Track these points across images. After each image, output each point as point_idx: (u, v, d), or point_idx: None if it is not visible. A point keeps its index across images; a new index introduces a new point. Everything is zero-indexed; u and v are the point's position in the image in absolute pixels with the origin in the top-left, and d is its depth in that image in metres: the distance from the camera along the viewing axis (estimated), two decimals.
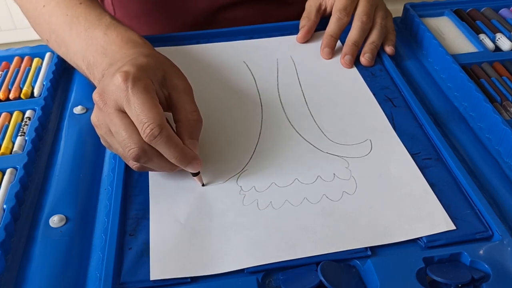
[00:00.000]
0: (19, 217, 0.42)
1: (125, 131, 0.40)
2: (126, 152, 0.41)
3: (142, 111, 0.39)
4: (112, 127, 0.41)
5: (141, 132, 0.40)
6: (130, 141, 0.40)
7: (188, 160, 0.42)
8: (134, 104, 0.40)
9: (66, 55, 0.55)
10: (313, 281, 0.36)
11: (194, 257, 0.38)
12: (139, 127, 0.40)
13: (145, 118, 0.39)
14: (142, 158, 0.41)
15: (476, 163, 0.46)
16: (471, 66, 0.56)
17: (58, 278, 0.38)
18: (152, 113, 0.39)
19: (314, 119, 0.51)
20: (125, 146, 0.40)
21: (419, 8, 0.65)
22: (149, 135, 0.39)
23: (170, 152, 0.41)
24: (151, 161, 0.41)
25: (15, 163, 0.46)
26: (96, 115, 0.43)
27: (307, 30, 0.63)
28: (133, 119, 0.40)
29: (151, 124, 0.39)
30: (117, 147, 0.42)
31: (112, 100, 0.41)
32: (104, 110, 0.41)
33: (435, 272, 0.36)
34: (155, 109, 0.40)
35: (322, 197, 0.43)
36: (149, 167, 0.42)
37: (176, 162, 0.41)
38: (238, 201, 0.43)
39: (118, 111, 0.41)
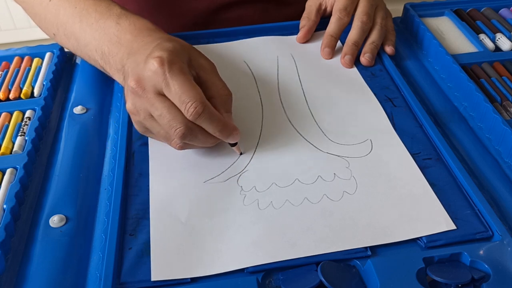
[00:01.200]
0: (19, 217, 0.42)
1: (169, 113, 0.42)
2: (172, 132, 0.43)
3: (184, 91, 0.42)
4: (154, 111, 0.43)
5: (185, 111, 0.42)
6: (175, 121, 0.42)
7: (230, 131, 0.45)
8: (174, 86, 0.42)
9: (76, 48, 0.55)
10: (313, 281, 0.36)
11: (195, 257, 0.38)
12: (182, 107, 0.42)
13: (187, 98, 0.42)
14: (188, 136, 0.43)
15: (476, 163, 0.46)
16: (471, 66, 0.56)
17: (58, 278, 0.38)
18: (193, 93, 0.42)
19: (315, 119, 0.51)
20: (171, 127, 0.43)
21: (419, 8, 0.65)
22: (193, 113, 0.42)
23: (214, 126, 0.43)
24: (195, 137, 0.44)
25: (15, 163, 0.46)
26: (132, 103, 0.45)
27: (307, 30, 0.63)
28: (174, 100, 0.42)
29: (194, 102, 0.42)
30: (159, 130, 0.44)
31: (151, 85, 0.43)
32: (144, 96, 0.43)
33: (435, 272, 0.36)
34: (195, 88, 0.42)
35: (322, 197, 0.43)
36: (193, 144, 0.45)
37: (219, 135, 0.44)
38: (238, 201, 0.43)
39: (158, 95, 0.43)
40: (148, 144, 0.49)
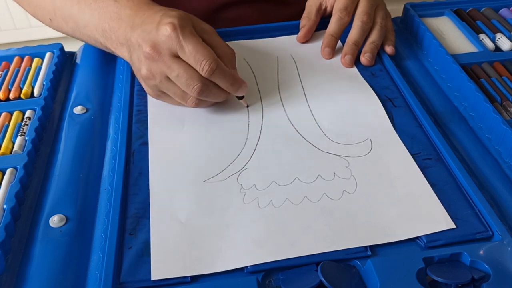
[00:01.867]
0: (19, 217, 0.42)
1: (186, 73, 0.47)
2: (190, 90, 0.47)
3: (197, 51, 0.46)
4: (171, 73, 0.47)
5: (200, 69, 0.46)
6: (192, 79, 0.47)
7: (239, 84, 0.50)
8: (188, 47, 0.46)
9: (74, 30, 0.57)
10: (313, 281, 0.36)
11: (195, 256, 0.38)
12: (197, 66, 0.46)
13: (201, 56, 0.46)
14: (205, 92, 0.48)
15: (476, 163, 0.46)
16: (471, 66, 0.56)
17: (58, 278, 0.38)
18: (206, 52, 0.46)
19: (315, 119, 0.51)
20: (188, 85, 0.47)
21: (419, 8, 0.65)
22: (208, 70, 0.46)
23: (226, 81, 0.48)
24: (210, 93, 0.49)
25: (15, 163, 0.46)
26: (148, 68, 0.48)
27: (308, 30, 0.63)
28: (189, 61, 0.46)
29: (208, 60, 0.46)
30: (175, 90, 0.49)
31: (166, 49, 0.46)
32: (160, 60, 0.47)
33: (435, 272, 0.36)
34: (207, 48, 0.47)
35: (322, 196, 0.43)
36: (207, 99, 0.50)
37: (230, 89, 0.49)
38: (238, 199, 0.43)
39: (174, 57, 0.47)
40: (148, 144, 0.49)
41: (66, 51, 0.63)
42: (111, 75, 0.60)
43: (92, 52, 0.62)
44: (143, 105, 0.53)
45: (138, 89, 0.56)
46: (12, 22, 1.70)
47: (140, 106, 0.53)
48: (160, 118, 0.52)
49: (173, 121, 0.51)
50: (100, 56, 0.62)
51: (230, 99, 0.53)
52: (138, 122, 0.51)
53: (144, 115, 0.52)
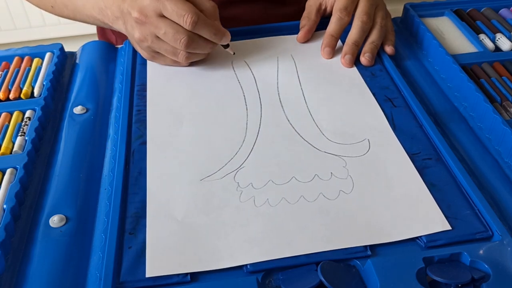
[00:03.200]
0: (19, 217, 0.43)
1: (172, 28, 0.51)
2: (178, 45, 0.52)
3: (178, 7, 0.50)
4: (159, 32, 0.52)
5: (184, 23, 0.51)
6: (178, 34, 0.51)
7: (222, 34, 0.54)
8: (170, 5, 0.50)
9: (75, 13, 0.62)
10: (313, 281, 0.36)
11: (191, 253, 0.38)
12: (180, 20, 0.50)
13: (183, 11, 0.50)
14: (191, 44, 0.52)
15: (476, 163, 0.46)
16: (471, 66, 0.56)
17: (58, 278, 0.38)
18: (186, 7, 0.50)
19: (313, 118, 0.51)
20: (176, 39, 0.52)
21: (419, 8, 0.65)
22: (191, 22, 0.50)
23: (209, 30, 0.52)
24: (197, 44, 0.53)
25: (15, 163, 0.46)
26: (139, 32, 0.53)
27: (308, 30, 0.63)
28: (172, 17, 0.51)
29: (189, 14, 0.50)
30: (166, 47, 0.54)
31: (151, 11, 0.51)
32: (148, 22, 0.52)
33: (435, 272, 0.36)
34: (187, 3, 0.51)
35: (319, 195, 0.43)
36: (196, 51, 0.54)
37: (214, 38, 0.53)
38: (235, 197, 0.43)
39: (159, 17, 0.51)
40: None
41: (66, 51, 0.63)
42: (111, 75, 0.60)
43: (92, 52, 0.62)
44: (143, 105, 0.53)
45: (138, 89, 0.56)
46: (12, 22, 1.70)
47: (140, 106, 0.53)
48: (158, 117, 0.52)
49: (172, 120, 0.51)
50: (100, 56, 0.62)
51: (228, 99, 0.53)
52: (138, 122, 0.51)
53: (143, 115, 0.52)
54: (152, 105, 0.53)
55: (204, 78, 0.57)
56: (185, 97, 0.55)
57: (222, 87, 0.56)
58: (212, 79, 0.57)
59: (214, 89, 0.56)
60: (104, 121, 0.53)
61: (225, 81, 0.57)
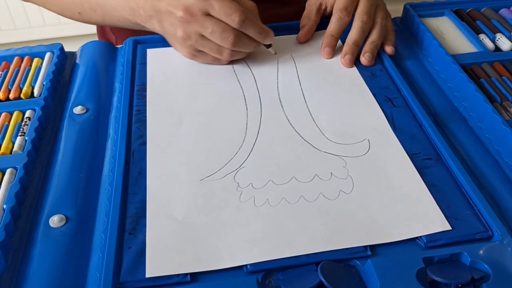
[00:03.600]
0: (19, 217, 0.43)
1: (219, 27, 0.52)
2: (224, 43, 0.53)
3: (226, 6, 0.51)
4: (205, 30, 0.52)
5: (231, 22, 0.52)
6: (225, 32, 0.52)
7: (267, 33, 0.55)
8: (217, 4, 0.51)
9: (104, 16, 0.61)
10: (313, 281, 0.36)
11: (191, 253, 0.38)
12: (228, 19, 0.52)
13: (230, 10, 0.51)
14: (238, 42, 0.54)
15: (476, 163, 0.46)
16: (471, 66, 0.56)
17: (58, 278, 0.38)
18: (233, 5, 0.52)
19: (313, 118, 0.51)
20: (223, 38, 0.53)
21: (419, 8, 0.65)
22: (238, 21, 0.52)
23: (255, 29, 0.54)
24: (242, 43, 0.54)
25: (15, 163, 0.46)
26: (183, 30, 0.53)
27: (308, 30, 0.63)
28: (220, 16, 0.52)
29: (237, 13, 0.51)
30: (210, 46, 0.54)
31: (198, 9, 0.52)
32: (193, 21, 0.52)
33: (435, 272, 0.36)
34: (233, 2, 0.52)
35: (319, 195, 0.43)
36: (240, 49, 0.55)
37: (259, 37, 0.55)
38: (235, 197, 0.43)
39: (206, 16, 0.52)
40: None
41: (66, 51, 0.63)
42: (111, 75, 0.60)
43: (92, 52, 0.62)
44: (143, 105, 0.53)
45: (138, 89, 0.56)
46: (12, 22, 1.70)
47: (140, 106, 0.53)
48: (158, 117, 0.52)
49: (172, 120, 0.51)
50: (100, 56, 0.62)
51: (228, 99, 0.53)
52: (137, 122, 0.51)
53: (143, 115, 0.52)
54: (152, 105, 0.53)
55: (204, 78, 0.57)
56: (185, 97, 0.55)
57: (222, 87, 0.56)
58: (212, 79, 0.57)
59: (214, 89, 0.56)
60: (104, 121, 0.53)
61: (225, 81, 0.57)
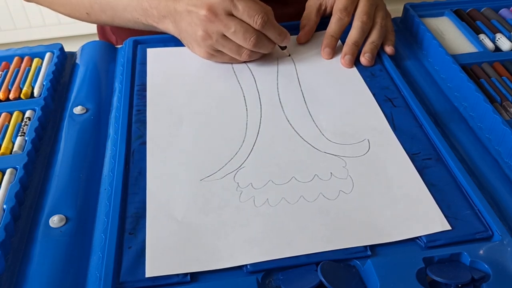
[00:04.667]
0: (19, 217, 0.43)
1: (242, 27, 0.53)
2: (246, 43, 0.54)
3: (250, 7, 0.52)
4: (228, 30, 0.53)
5: (254, 23, 0.52)
6: (248, 33, 0.53)
7: (285, 35, 0.56)
8: (241, 5, 0.52)
9: (114, 17, 0.61)
10: (313, 281, 0.36)
11: (190, 253, 0.39)
12: (251, 20, 0.52)
13: (254, 11, 0.52)
14: (259, 43, 0.54)
15: (476, 163, 0.46)
16: (471, 66, 0.56)
17: (58, 278, 0.38)
18: (257, 7, 0.52)
19: (313, 119, 0.51)
20: (245, 38, 0.53)
21: (419, 8, 0.65)
22: (261, 22, 0.53)
23: (275, 31, 0.55)
24: (262, 44, 0.55)
25: (15, 163, 0.46)
26: (204, 29, 0.53)
27: (308, 30, 0.63)
28: (243, 17, 0.52)
29: (260, 14, 0.52)
30: (231, 46, 0.55)
31: (221, 9, 0.52)
32: (216, 20, 0.52)
33: (435, 272, 0.36)
34: (257, 3, 0.53)
35: (318, 195, 0.43)
36: (260, 51, 0.56)
37: (277, 39, 0.56)
38: (235, 197, 0.43)
39: (229, 16, 0.52)
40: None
41: (66, 51, 0.63)
42: (111, 75, 0.60)
43: (92, 52, 0.62)
44: (143, 105, 0.53)
45: (138, 89, 0.56)
46: (12, 22, 1.70)
47: (140, 106, 0.53)
48: (158, 117, 0.52)
49: (172, 120, 0.51)
50: (100, 56, 0.62)
51: (227, 99, 0.54)
52: (137, 122, 0.51)
53: (143, 115, 0.52)
54: (152, 105, 0.53)
55: (204, 78, 0.57)
56: (185, 97, 0.55)
57: (222, 88, 0.56)
58: (212, 79, 0.57)
59: (214, 90, 0.56)
60: (104, 121, 0.53)
61: (225, 82, 0.57)
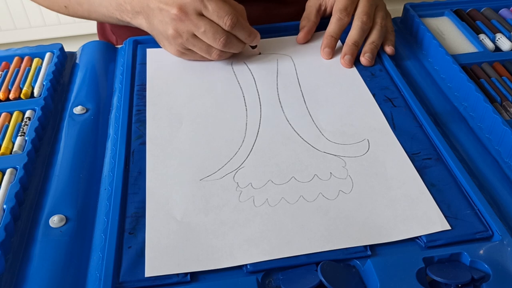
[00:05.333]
0: (19, 217, 0.43)
1: (211, 27, 0.53)
2: (215, 43, 0.54)
3: (219, 8, 0.52)
4: (198, 30, 0.53)
5: (223, 24, 0.53)
6: (217, 34, 0.53)
7: (255, 35, 0.57)
8: (211, 5, 0.52)
9: (90, 11, 0.61)
10: (313, 281, 0.36)
11: (189, 253, 0.39)
12: (220, 21, 0.53)
13: (224, 12, 0.52)
14: (228, 43, 0.55)
15: (476, 163, 0.46)
16: (471, 66, 0.56)
17: (58, 278, 0.38)
18: (227, 8, 0.53)
19: (313, 119, 0.51)
20: (215, 39, 0.54)
21: (419, 8, 0.65)
22: (230, 24, 0.53)
23: (245, 32, 0.55)
24: (232, 44, 0.55)
25: (15, 163, 0.46)
26: (175, 28, 0.54)
27: (307, 31, 0.63)
28: (213, 18, 0.53)
29: (230, 15, 0.52)
30: (201, 46, 0.55)
31: (192, 9, 0.52)
32: (187, 20, 0.53)
33: (435, 272, 0.36)
34: (227, 5, 0.53)
35: (318, 195, 0.43)
36: (230, 51, 0.56)
37: (247, 40, 0.56)
38: (234, 197, 0.43)
39: (200, 16, 0.53)
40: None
41: (66, 51, 0.63)
42: (111, 75, 0.60)
43: (92, 52, 0.62)
44: (143, 105, 0.53)
45: (138, 89, 0.56)
46: (12, 22, 1.70)
47: (140, 106, 0.53)
48: (158, 117, 0.52)
49: (171, 120, 0.51)
50: (100, 56, 0.62)
51: (227, 99, 0.54)
52: (137, 122, 0.51)
53: (143, 115, 0.52)
54: (152, 105, 0.53)
55: (203, 78, 0.57)
56: (185, 97, 0.55)
57: (221, 88, 0.56)
58: (211, 79, 0.57)
59: (213, 90, 0.56)
60: (104, 121, 0.53)
61: (224, 82, 0.57)
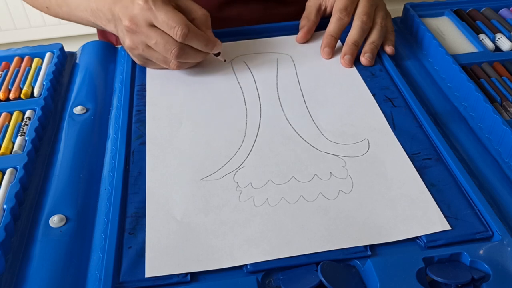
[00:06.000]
0: (19, 217, 0.43)
1: (162, 39, 0.51)
2: (168, 55, 0.52)
3: (169, 18, 0.50)
4: (150, 41, 0.52)
5: (174, 35, 0.51)
6: (169, 44, 0.51)
7: (213, 44, 0.54)
8: (161, 16, 0.50)
9: (69, 13, 0.61)
10: (313, 281, 0.36)
11: (189, 253, 0.39)
12: (171, 32, 0.51)
13: (174, 23, 0.50)
14: (182, 55, 0.53)
15: (476, 163, 0.46)
16: (471, 66, 0.56)
17: (58, 278, 0.38)
18: (177, 18, 0.50)
19: (312, 119, 0.51)
20: (166, 50, 0.52)
21: (419, 8, 0.65)
22: (181, 35, 0.50)
23: (200, 42, 0.53)
24: (188, 55, 0.53)
25: (15, 163, 0.46)
26: (130, 40, 0.53)
27: (307, 30, 0.63)
28: (163, 28, 0.51)
29: (180, 26, 0.50)
30: (157, 56, 0.54)
31: (142, 20, 0.51)
32: (139, 31, 0.52)
33: (435, 272, 0.36)
34: (178, 15, 0.51)
35: (318, 195, 0.43)
36: (187, 61, 0.55)
37: (205, 49, 0.54)
38: (234, 197, 0.43)
39: (150, 27, 0.51)
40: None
41: (66, 51, 0.63)
42: (111, 75, 0.60)
43: (92, 52, 0.62)
44: (143, 105, 0.53)
45: (138, 89, 0.56)
46: (12, 22, 1.70)
47: (140, 106, 0.53)
48: (158, 117, 0.52)
49: (171, 120, 0.51)
50: (100, 56, 0.62)
51: (227, 99, 0.54)
52: (137, 122, 0.51)
53: (143, 115, 0.52)
54: (151, 105, 0.53)
55: (203, 78, 0.57)
56: (185, 97, 0.55)
57: (221, 87, 0.56)
58: (211, 79, 0.57)
59: (213, 89, 0.56)
60: (104, 121, 0.53)
61: (224, 82, 0.57)
